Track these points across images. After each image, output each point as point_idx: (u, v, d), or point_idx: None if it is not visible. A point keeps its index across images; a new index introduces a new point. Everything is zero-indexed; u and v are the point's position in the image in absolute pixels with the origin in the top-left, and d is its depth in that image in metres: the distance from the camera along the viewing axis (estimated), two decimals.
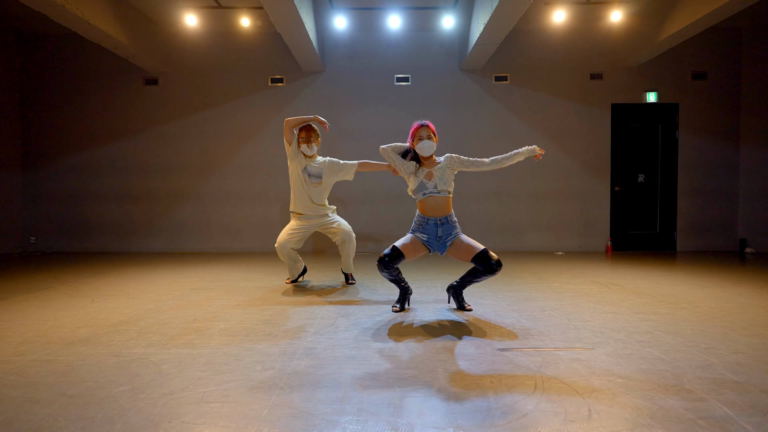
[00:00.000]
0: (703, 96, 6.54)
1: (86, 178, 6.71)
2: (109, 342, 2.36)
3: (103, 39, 5.32)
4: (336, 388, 1.76)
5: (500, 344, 2.28)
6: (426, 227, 2.87)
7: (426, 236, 2.86)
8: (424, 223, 2.87)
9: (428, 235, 2.86)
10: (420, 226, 2.89)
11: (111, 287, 3.91)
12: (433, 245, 2.87)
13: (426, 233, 2.87)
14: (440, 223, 2.86)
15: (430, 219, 2.86)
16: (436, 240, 2.86)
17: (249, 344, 2.31)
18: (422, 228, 2.88)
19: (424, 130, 2.92)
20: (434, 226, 2.86)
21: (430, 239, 2.86)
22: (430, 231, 2.86)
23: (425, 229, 2.87)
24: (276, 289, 3.83)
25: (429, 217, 2.87)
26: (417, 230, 2.89)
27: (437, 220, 2.86)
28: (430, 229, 2.86)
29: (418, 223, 2.90)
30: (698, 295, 3.48)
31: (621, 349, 2.18)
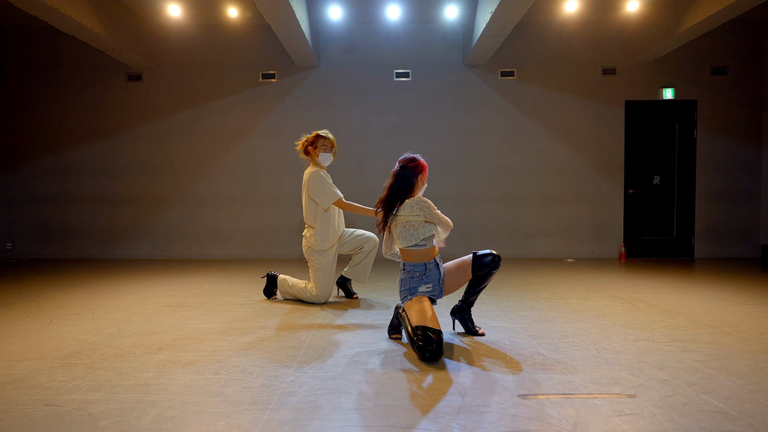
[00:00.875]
0: (724, 92, 6.13)
1: (66, 180, 6.30)
2: (47, 383, 1.95)
3: (78, 30, 4.91)
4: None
5: (520, 387, 1.87)
6: (429, 275, 2.46)
7: (431, 286, 2.46)
8: (426, 270, 2.46)
9: (432, 284, 2.47)
10: (423, 277, 2.45)
11: (77, 304, 3.50)
12: (436, 292, 2.50)
13: (430, 281, 2.46)
14: (438, 262, 2.55)
15: (430, 262, 2.48)
16: (439, 283, 2.52)
17: (216, 386, 1.90)
18: (426, 277, 2.45)
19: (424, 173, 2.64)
20: (435, 268, 2.50)
21: (434, 287, 2.48)
22: (432, 277, 2.47)
23: (429, 277, 2.46)
24: (260, 306, 3.42)
25: (428, 261, 2.47)
26: (420, 285, 2.44)
27: (435, 259, 2.52)
28: (433, 275, 2.48)
29: (420, 274, 2.45)
30: (737, 315, 3.07)
31: (670, 396, 1.77)
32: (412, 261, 2.47)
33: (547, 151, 6.18)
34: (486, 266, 2.47)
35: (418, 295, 2.42)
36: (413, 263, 2.47)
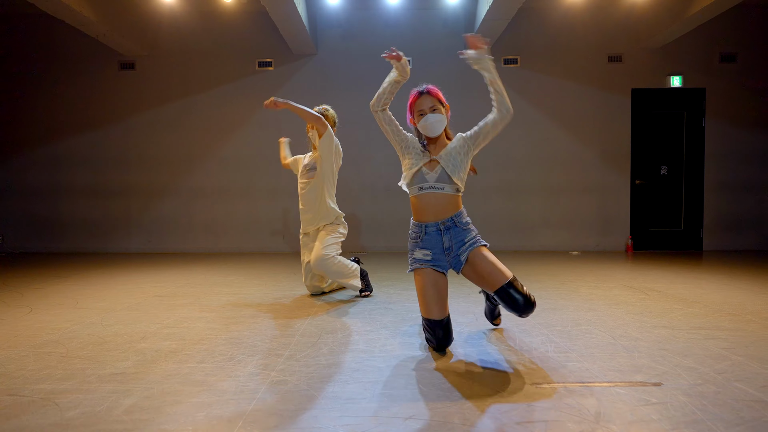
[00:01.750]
0: (733, 80, 5.95)
1: (58, 171, 6.13)
2: (15, 372, 1.78)
3: (67, 14, 4.74)
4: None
5: (534, 375, 1.71)
6: (426, 239, 2.04)
7: (429, 252, 2.03)
8: (421, 233, 2.05)
9: (432, 250, 2.03)
10: (417, 240, 2.07)
11: (61, 294, 3.33)
12: (442, 263, 2.03)
13: (428, 247, 2.03)
14: (444, 228, 2.03)
15: (429, 225, 2.04)
16: (444, 254, 2.03)
17: (199, 375, 1.74)
18: (421, 241, 2.05)
19: (425, 100, 2.09)
20: (436, 234, 2.03)
21: (436, 255, 2.03)
22: (432, 243, 2.03)
23: (425, 241, 2.04)
24: (254, 295, 3.25)
25: (426, 223, 2.05)
26: (416, 249, 2.06)
27: (438, 225, 2.03)
28: (432, 240, 2.03)
29: (414, 236, 2.08)
30: (757, 303, 2.90)
31: (700, 385, 1.60)
32: (412, 217, 2.13)
33: (552, 140, 6.01)
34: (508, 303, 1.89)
35: (417, 267, 2.05)
36: (412, 220, 2.13)
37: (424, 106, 2.09)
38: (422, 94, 2.11)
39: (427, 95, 2.11)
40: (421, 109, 2.10)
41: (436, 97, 2.11)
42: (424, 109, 2.09)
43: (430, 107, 2.08)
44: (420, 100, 2.11)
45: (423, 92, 2.11)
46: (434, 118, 2.07)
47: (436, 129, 2.08)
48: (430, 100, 2.10)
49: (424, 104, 2.09)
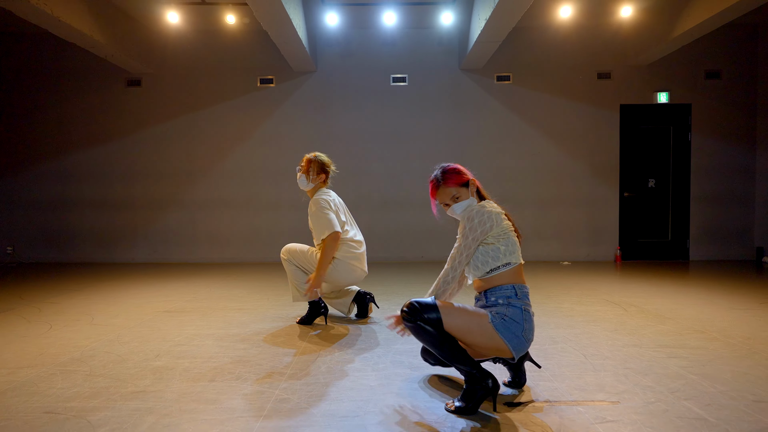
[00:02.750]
0: (718, 96, 6.18)
1: (66, 184, 6.36)
2: (47, 390, 2.00)
3: (78, 37, 4.97)
4: None
5: (507, 394, 1.93)
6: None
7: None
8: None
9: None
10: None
11: (77, 309, 3.55)
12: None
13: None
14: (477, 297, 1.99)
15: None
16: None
17: (211, 394, 1.96)
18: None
19: (444, 194, 1.97)
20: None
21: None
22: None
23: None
24: (257, 311, 3.47)
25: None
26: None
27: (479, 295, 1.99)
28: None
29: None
30: (726, 319, 3.12)
31: (652, 403, 1.82)
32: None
33: (543, 154, 6.24)
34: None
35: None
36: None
37: (444, 199, 1.99)
38: (437, 184, 1.99)
39: (444, 187, 1.97)
40: (444, 202, 2.00)
41: (454, 186, 1.96)
42: (447, 202, 1.99)
43: (452, 197, 1.97)
44: (439, 193, 1.99)
45: (439, 181, 1.98)
46: (459, 208, 1.97)
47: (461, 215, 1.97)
48: (448, 192, 1.97)
49: (443, 198, 1.99)
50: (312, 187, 3.15)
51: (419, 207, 6.17)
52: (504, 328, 1.78)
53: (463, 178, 1.96)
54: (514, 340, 1.78)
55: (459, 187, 1.96)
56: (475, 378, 1.74)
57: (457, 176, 1.96)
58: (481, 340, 1.79)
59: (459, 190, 1.96)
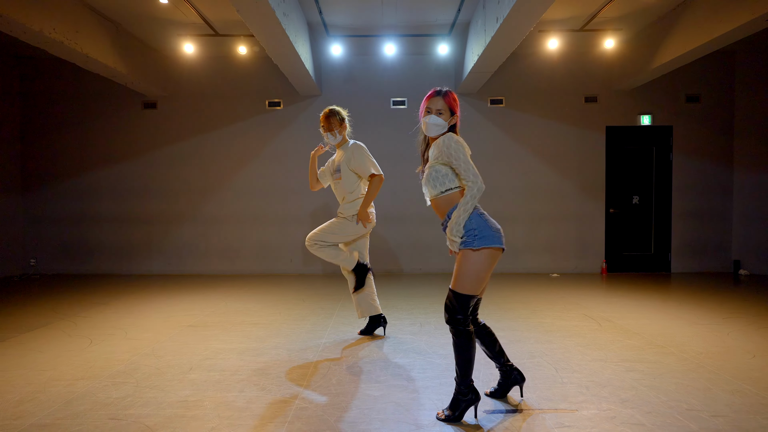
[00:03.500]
0: (697, 119, 6.60)
1: (86, 200, 6.78)
2: (105, 400, 2.42)
3: (102, 69, 5.39)
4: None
5: (485, 404, 2.34)
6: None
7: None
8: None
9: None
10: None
11: (109, 323, 3.97)
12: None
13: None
14: (444, 225, 2.22)
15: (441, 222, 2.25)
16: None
17: (242, 402, 2.37)
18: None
19: (436, 102, 2.18)
20: (443, 230, 2.24)
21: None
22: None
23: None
24: (271, 326, 3.88)
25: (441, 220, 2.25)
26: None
27: (442, 222, 2.24)
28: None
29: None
30: (687, 334, 3.54)
31: (604, 411, 2.24)
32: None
33: (534, 173, 6.65)
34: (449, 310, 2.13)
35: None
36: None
37: (432, 105, 2.18)
38: (438, 94, 2.20)
39: (440, 98, 2.19)
40: (429, 107, 2.19)
41: (448, 103, 2.18)
42: (431, 108, 2.18)
43: (437, 110, 2.17)
44: (433, 99, 2.20)
45: (440, 93, 2.20)
46: (433, 121, 2.16)
47: (430, 131, 2.20)
48: (441, 103, 2.17)
49: (433, 104, 2.18)
50: (341, 138, 3.47)
51: (418, 222, 6.58)
52: (480, 240, 2.06)
53: (455, 107, 2.21)
54: (491, 238, 2.07)
55: (449, 108, 2.18)
56: (463, 392, 2.15)
57: (454, 102, 2.20)
58: (486, 275, 2.09)
59: (447, 110, 2.18)
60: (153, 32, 5.79)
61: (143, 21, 5.44)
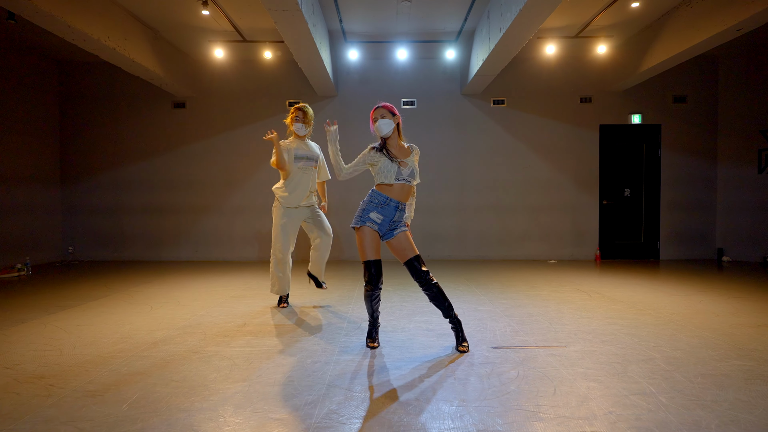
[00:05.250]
0: (684, 118, 7.16)
1: (119, 192, 7.35)
2: (184, 342, 2.98)
3: (143, 72, 5.97)
4: (368, 375, 2.39)
5: (494, 342, 2.90)
6: (386, 208, 2.79)
7: (381, 218, 2.78)
8: (384, 203, 2.79)
9: (384, 217, 2.79)
10: (378, 206, 2.79)
11: (161, 295, 4.53)
12: (383, 228, 2.80)
13: (383, 214, 2.79)
14: (401, 207, 2.85)
15: (392, 201, 2.80)
16: (389, 224, 2.83)
17: (294, 342, 2.93)
18: (380, 208, 2.79)
19: (378, 111, 2.86)
20: (394, 209, 2.81)
21: (384, 222, 2.79)
22: (388, 212, 2.80)
23: (384, 209, 2.79)
24: (305, 296, 4.45)
25: (393, 198, 2.80)
26: (372, 211, 2.78)
27: (398, 204, 2.82)
28: (389, 211, 2.80)
29: (376, 203, 2.80)
30: (664, 302, 4.10)
31: (587, 347, 2.80)
32: (378, 191, 2.82)
33: (533, 167, 7.22)
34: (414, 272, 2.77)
35: (366, 226, 2.76)
36: (377, 192, 2.81)
37: (377, 114, 2.86)
38: (377, 108, 2.87)
39: (379, 108, 2.87)
40: (374, 117, 2.87)
41: (386, 108, 2.86)
42: (376, 117, 2.86)
43: (380, 115, 2.84)
44: (375, 111, 2.88)
45: (378, 106, 2.87)
46: (382, 122, 2.83)
47: (383, 129, 2.83)
48: (381, 111, 2.86)
49: (377, 114, 2.86)
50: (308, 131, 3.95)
51: (425, 213, 7.15)
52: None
53: (393, 109, 2.87)
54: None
55: (388, 112, 2.85)
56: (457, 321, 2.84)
57: (390, 107, 2.86)
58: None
59: (387, 114, 2.84)
60: (187, 38, 6.37)
61: (179, 28, 6.01)
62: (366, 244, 2.77)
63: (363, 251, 2.78)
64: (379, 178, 2.83)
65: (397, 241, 2.82)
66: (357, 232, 2.81)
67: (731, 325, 3.29)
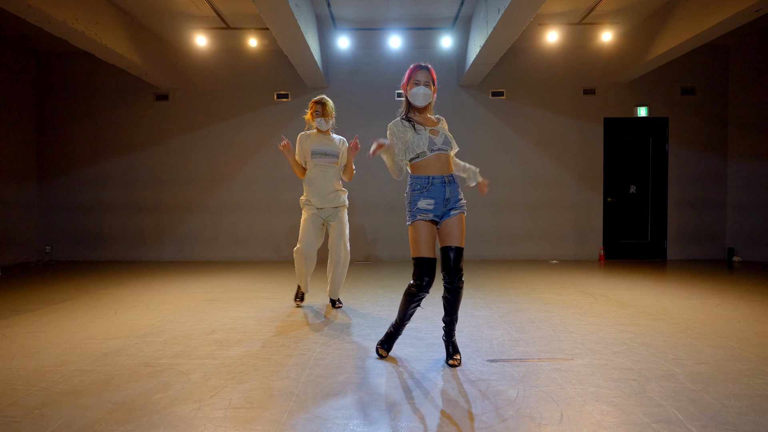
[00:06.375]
0: (692, 110, 6.80)
1: (99, 189, 6.99)
2: (138, 353, 2.62)
3: (119, 60, 5.61)
4: (344, 395, 2.03)
5: (490, 354, 2.55)
6: (432, 189, 2.36)
7: (432, 201, 2.35)
8: (428, 184, 2.36)
9: (435, 200, 2.36)
10: (422, 190, 2.36)
11: (130, 298, 4.18)
12: (439, 211, 2.37)
13: (432, 196, 2.36)
14: (447, 181, 2.39)
15: (436, 177, 2.37)
16: (443, 204, 2.38)
17: (265, 355, 2.58)
18: (426, 192, 2.36)
19: (422, 74, 2.42)
20: (441, 186, 2.37)
21: (438, 205, 2.36)
22: (437, 192, 2.36)
23: (431, 191, 2.36)
24: (287, 299, 4.09)
25: (435, 175, 2.38)
26: (419, 199, 2.36)
27: (444, 177, 2.39)
28: (437, 190, 2.36)
29: (419, 188, 2.37)
30: (678, 306, 3.74)
31: (597, 360, 2.44)
32: (416, 173, 2.42)
33: (534, 163, 6.86)
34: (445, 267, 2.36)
35: (418, 221, 2.36)
36: (416, 176, 2.41)
37: (420, 77, 2.41)
38: (422, 68, 2.43)
39: (425, 71, 2.42)
40: (417, 79, 2.41)
41: (431, 75, 2.43)
42: (419, 80, 2.41)
43: (424, 81, 2.41)
44: (419, 72, 2.42)
45: (423, 66, 2.43)
46: (424, 91, 2.40)
47: (422, 100, 2.42)
48: (426, 75, 2.42)
49: (421, 76, 2.41)
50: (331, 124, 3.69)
51: None
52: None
53: (435, 79, 2.46)
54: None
55: (432, 81, 2.43)
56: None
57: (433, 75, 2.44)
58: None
59: (431, 82, 2.43)
60: (166, 25, 6.01)
61: (157, 14, 5.65)
62: (420, 238, 2.35)
63: (416, 246, 2.36)
64: (410, 153, 2.40)
65: (447, 224, 2.39)
66: (410, 229, 2.40)
67: (757, 334, 2.93)
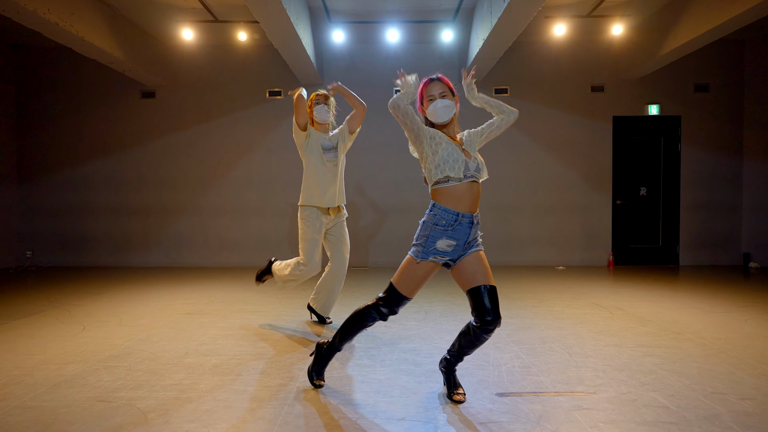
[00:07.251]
0: (706, 108, 6.46)
1: (83, 191, 6.65)
2: (96, 383, 2.28)
3: (99, 54, 5.27)
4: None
5: (499, 386, 2.21)
6: (458, 228, 1.96)
7: (453, 243, 1.97)
8: (455, 222, 1.96)
9: (457, 241, 1.97)
10: (447, 228, 1.96)
11: (104, 311, 3.84)
12: (455, 255, 2.00)
13: (455, 237, 1.96)
14: (476, 221, 2.02)
15: (465, 216, 1.98)
16: (464, 247, 2.01)
17: (240, 386, 2.24)
18: (450, 231, 1.96)
19: (434, 86, 2.08)
20: (468, 227, 1.99)
21: (458, 247, 1.98)
22: (461, 234, 1.97)
23: (456, 231, 1.96)
24: (272, 313, 3.75)
25: (465, 213, 1.98)
26: (439, 238, 1.96)
27: (473, 217, 2.00)
28: (463, 232, 1.97)
29: (444, 225, 1.96)
30: (703, 322, 3.40)
31: (624, 394, 2.10)
32: (442, 205, 2.00)
33: (539, 164, 6.52)
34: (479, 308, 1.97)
35: (432, 259, 1.98)
36: (443, 207, 1.99)
37: (434, 91, 2.07)
38: (433, 80, 2.11)
39: (437, 82, 2.10)
40: (431, 94, 2.08)
41: (446, 84, 2.10)
42: (434, 95, 2.07)
43: (440, 93, 2.06)
44: (431, 86, 2.10)
45: (434, 78, 2.11)
46: (443, 104, 2.04)
47: (445, 115, 2.05)
48: (440, 86, 2.08)
49: (434, 90, 2.08)
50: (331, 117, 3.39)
51: (421, 213, 6.43)
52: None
53: (452, 86, 2.12)
54: None
55: (449, 90, 2.09)
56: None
57: (449, 82, 2.11)
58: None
59: (448, 92, 2.08)
60: (150, 17, 5.67)
61: (140, 5, 5.31)
62: (416, 280, 2.02)
63: (406, 284, 2.03)
64: (440, 173, 1.98)
65: (466, 263, 2.01)
66: (411, 262, 2.02)
67: None
